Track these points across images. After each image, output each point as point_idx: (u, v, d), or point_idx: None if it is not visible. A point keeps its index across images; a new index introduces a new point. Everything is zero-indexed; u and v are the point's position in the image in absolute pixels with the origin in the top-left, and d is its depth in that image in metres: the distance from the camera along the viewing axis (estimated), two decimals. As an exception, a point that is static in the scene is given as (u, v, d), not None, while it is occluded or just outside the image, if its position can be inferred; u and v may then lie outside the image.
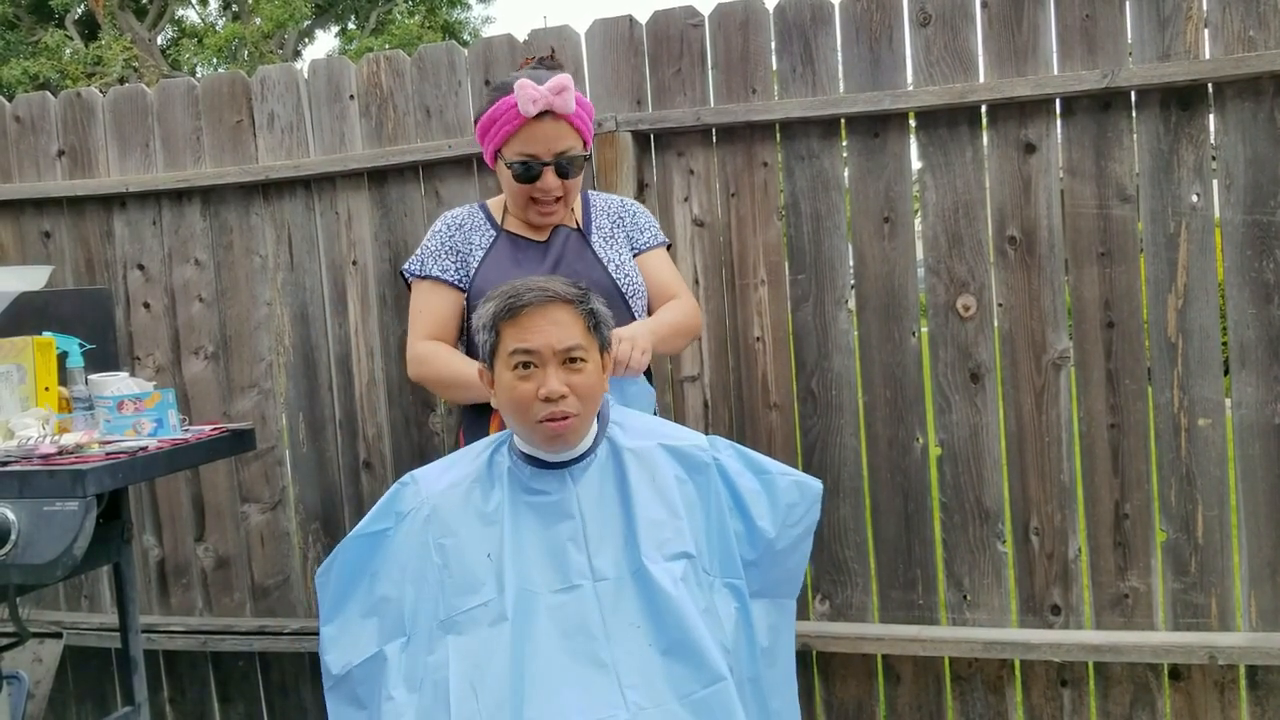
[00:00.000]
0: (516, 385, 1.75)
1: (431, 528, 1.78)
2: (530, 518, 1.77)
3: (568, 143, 2.09)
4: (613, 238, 2.24)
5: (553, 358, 1.73)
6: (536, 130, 2.06)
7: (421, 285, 2.19)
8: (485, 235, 2.20)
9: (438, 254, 2.19)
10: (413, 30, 17.80)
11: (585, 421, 1.79)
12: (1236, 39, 2.27)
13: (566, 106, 2.06)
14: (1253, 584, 2.35)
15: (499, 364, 1.77)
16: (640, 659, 1.68)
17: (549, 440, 1.76)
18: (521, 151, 2.08)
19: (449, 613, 1.71)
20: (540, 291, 1.75)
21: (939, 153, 2.45)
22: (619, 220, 2.27)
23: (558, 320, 1.75)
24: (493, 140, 2.12)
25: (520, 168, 2.08)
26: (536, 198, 2.11)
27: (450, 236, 2.20)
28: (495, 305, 1.77)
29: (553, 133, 2.07)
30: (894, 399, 2.51)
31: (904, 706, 2.58)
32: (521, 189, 2.11)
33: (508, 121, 2.07)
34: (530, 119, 2.05)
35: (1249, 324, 2.30)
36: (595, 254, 2.19)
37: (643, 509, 1.79)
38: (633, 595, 1.74)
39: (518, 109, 2.05)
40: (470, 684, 1.64)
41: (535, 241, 2.19)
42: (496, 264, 2.16)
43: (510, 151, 2.09)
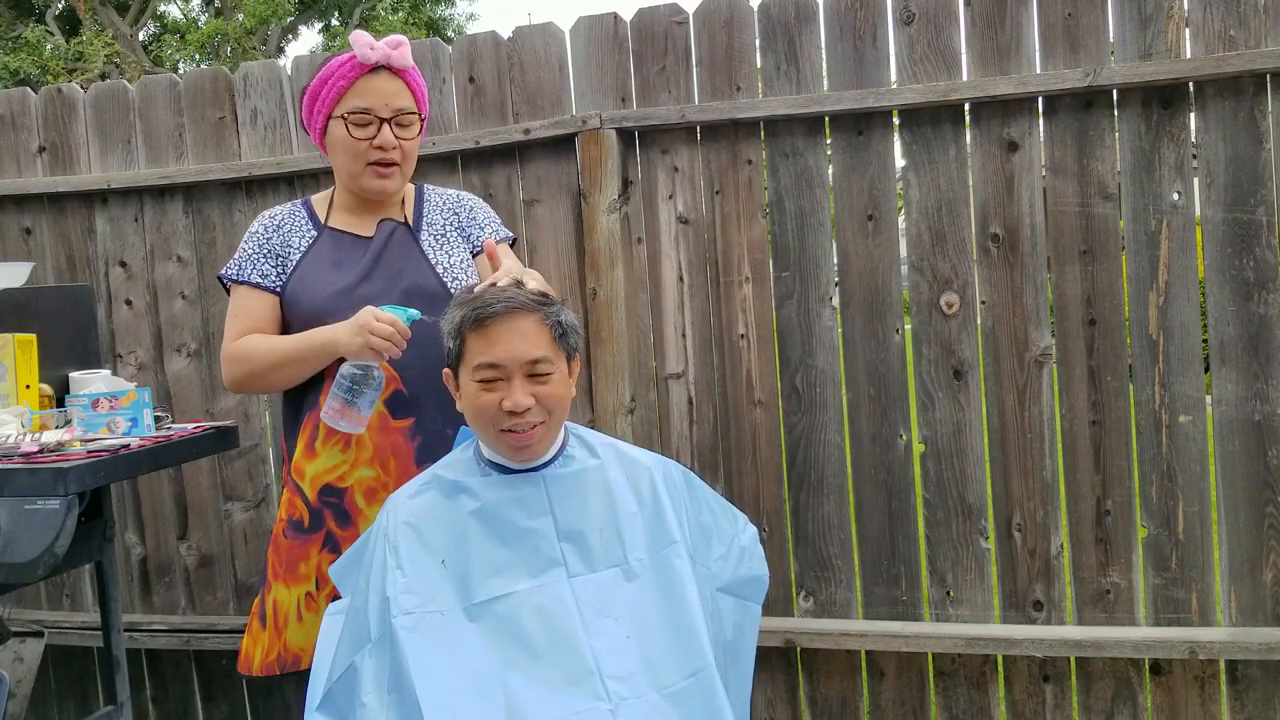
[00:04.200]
0: (481, 395, 1.74)
1: (393, 535, 1.77)
2: (500, 518, 1.77)
3: (405, 100, 2.04)
4: (445, 236, 2.16)
5: (518, 369, 1.73)
6: (373, 84, 2.01)
7: (239, 290, 2.10)
8: (305, 235, 2.11)
9: (255, 258, 2.10)
10: (396, 27, 17.74)
11: (551, 430, 1.79)
12: (1217, 38, 2.29)
13: (404, 60, 2.02)
14: (1233, 579, 2.36)
15: (464, 373, 1.77)
16: (621, 651, 1.69)
17: (514, 451, 1.76)
18: (356, 107, 2.01)
19: (415, 613, 1.70)
20: (507, 302, 1.73)
21: (922, 151, 2.46)
22: (454, 217, 2.19)
23: (523, 331, 1.73)
24: (324, 104, 2.03)
25: (359, 116, 2.00)
26: (375, 160, 2.03)
27: (267, 239, 2.11)
28: (461, 313, 1.76)
29: (389, 88, 2.02)
30: (878, 396, 2.52)
31: (887, 702, 2.59)
32: (359, 146, 2.02)
33: (342, 77, 2.00)
34: (366, 72, 2.00)
35: (1229, 321, 2.32)
36: (423, 252, 2.11)
37: (622, 501, 1.80)
38: (615, 588, 1.74)
39: (353, 62, 1.99)
40: (444, 685, 1.63)
41: (360, 237, 2.10)
42: (315, 264, 2.08)
43: (343, 109, 2.02)
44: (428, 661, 1.63)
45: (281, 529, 2.08)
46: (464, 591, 1.71)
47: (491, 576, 1.72)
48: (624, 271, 2.58)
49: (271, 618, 2.08)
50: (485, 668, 1.65)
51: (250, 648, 2.11)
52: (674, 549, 1.78)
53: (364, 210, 2.12)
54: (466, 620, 1.69)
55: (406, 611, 1.68)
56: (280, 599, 2.07)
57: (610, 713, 1.63)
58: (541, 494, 1.78)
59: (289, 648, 2.07)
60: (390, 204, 2.14)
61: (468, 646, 1.67)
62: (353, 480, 2.04)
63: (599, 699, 1.64)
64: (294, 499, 2.07)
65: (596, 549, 1.76)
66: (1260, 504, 2.33)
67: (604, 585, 1.74)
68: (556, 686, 1.64)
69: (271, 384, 2.07)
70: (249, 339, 2.05)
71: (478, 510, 1.76)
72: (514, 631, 1.68)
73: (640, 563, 1.76)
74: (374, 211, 2.12)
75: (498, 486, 1.79)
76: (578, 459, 1.84)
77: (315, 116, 2.06)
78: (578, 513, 1.77)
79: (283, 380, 2.05)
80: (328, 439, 2.04)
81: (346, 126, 2.01)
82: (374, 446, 2.04)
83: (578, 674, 1.65)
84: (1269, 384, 2.30)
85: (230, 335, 2.08)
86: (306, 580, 2.07)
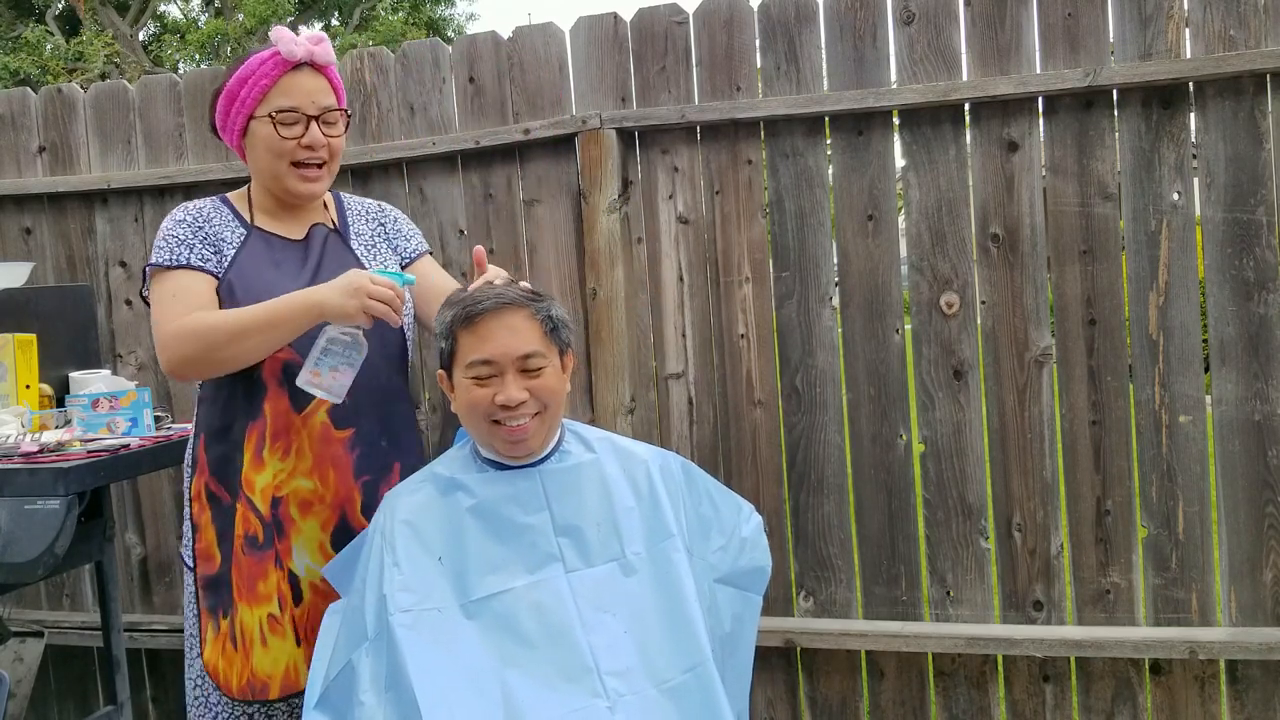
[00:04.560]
0: (474, 391, 1.75)
1: (390, 533, 1.77)
2: (497, 514, 1.77)
3: (330, 98, 1.98)
4: (374, 245, 2.11)
5: (511, 365, 1.73)
6: (297, 81, 1.94)
7: (175, 274, 1.94)
8: (235, 232, 2.00)
9: (190, 243, 1.96)
10: (396, 27, 17.74)
11: (546, 425, 1.79)
12: (1217, 38, 2.29)
13: (328, 56, 1.96)
14: (1233, 579, 2.36)
15: (457, 371, 1.78)
16: (618, 646, 1.69)
17: (509, 445, 1.77)
18: (282, 105, 1.93)
19: (412, 611, 1.70)
20: (497, 298, 1.74)
21: (922, 151, 2.46)
22: (379, 226, 2.15)
23: (514, 327, 1.74)
24: (245, 103, 1.94)
25: (287, 115, 1.93)
26: (303, 160, 1.95)
27: (199, 228, 1.98)
28: (453, 312, 1.77)
29: (313, 85, 1.95)
30: (878, 396, 2.52)
31: (888, 702, 2.59)
32: (285, 146, 1.94)
33: (265, 75, 1.92)
34: (290, 70, 1.93)
35: (1229, 321, 2.32)
36: (358, 260, 2.06)
37: (618, 496, 1.80)
38: (613, 583, 1.75)
39: (277, 58, 1.92)
40: (441, 682, 1.63)
41: (291, 240, 2.03)
42: (254, 264, 1.97)
43: (267, 108, 1.93)
44: (425, 659, 1.63)
45: (240, 546, 1.97)
46: (461, 588, 1.71)
47: (489, 573, 1.72)
48: (624, 271, 2.58)
49: (240, 640, 1.97)
50: (483, 665, 1.65)
51: (227, 669, 1.98)
52: (671, 543, 1.78)
53: (287, 213, 2.05)
54: (464, 617, 1.69)
55: (404, 609, 1.68)
56: (245, 620, 1.97)
57: (608, 709, 1.63)
58: (538, 489, 1.78)
59: (256, 674, 1.97)
60: (313, 208, 2.08)
61: (465, 644, 1.67)
62: (289, 490, 1.97)
63: (597, 695, 1.64)
64: (247, 514, 1.96)
65: (594, 544, 1.76)
66: (1260, 504, 2.33)
67: (601, 580, 1.74)
68: (554, 683, 1.64)
69: (231, 357, 1.88)
70: (200, 314, 1.89)
71: (474, 507, 1.77)
72: (511, 628, 1.68)
73: (638, 557, 1.76)
74: (298, 215, 2.05)
75: (494, 483, 1.79)
76: (574, 454, 1.85)
77: (234, 117, 1.97)
78: (574, 508, 1.78)
79: (247, 352, 1.88)
80: (273, 446, 1.95)
81: (274, 126, 1.93)
82: (314, 457, 1.97)
83: (575, 670, 1.65)
84: (1269, 384, 2.30)
85: (172, 315, 1.90)
86: (268, 600, 1.97)
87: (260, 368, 1.94)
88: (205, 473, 1.99)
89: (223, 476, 1.98)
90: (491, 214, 2.72)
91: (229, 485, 1.97)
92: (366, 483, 2.02)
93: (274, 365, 1.94)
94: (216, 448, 1.98)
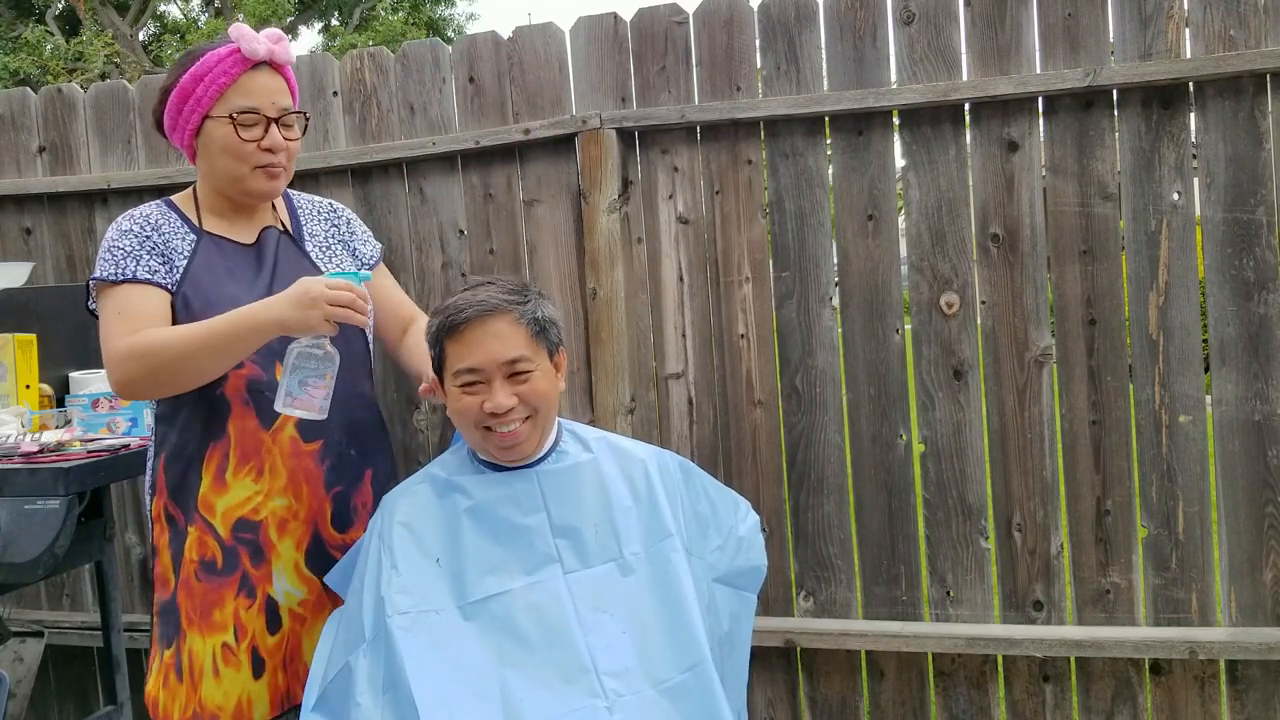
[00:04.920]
0: (463, 399, 1.75)
1: (388, 535, 1.77)
2: (494, 515, 1.77)
3: (287, 99, 1.91)
4: (329, 247, 2.05)
5: (497, 371, 1.73)
6: (257, 81, 1.86)
7: (121, 290, 1.84)
8: (185, 239, 1.90)
9: (137, 255, 1.86)
10: (396, 27, 17.75)
11: (539, 427, 1.79)
12: (1217, 38, 2.29)
13: (288, 55, 1.89)
14: (1233, 579, 2.36)
15: (446, 379, 1.78)
16: (617, 647, 1.69)
17: (502, 451, 1.77)
18: (242, 106, 1.84)
19: (410, 613, 1.70)
20: (479, 306, 1.73)
21: (922, 150, 2.46)
22: (334, 227, 2.08)
23: (499, 333, 1.73)
24: (201, 101, 1.85)
25: (248, 116, 1.84)
26: (263, 164, 1.87)
27: (146, 238, 1.88)
28: (438, 321, 1.77)
29: (273, 85, 1.88)
30: (878, 396, 2.52)
31: (887, 702, 2.59)
32: (245, 149, 1.85)
33: (224, 73, 1.83)
34: (249, 69, 1.84)
35: (1229, 321, 2.32)
36: (314, 264, 1.98)
37: (616, 496, 1.80)
38: (611, 583, 1.74)
39: (237, 56, 1.83)
40: (440, 684, 1.63)
41: (242, 245, 1.94)
42: (209, 274, 1.88)
43: (226, 108, 1.84)
44: (424, 661, 1.63)
45: (193, 571, 1.88)
46: (459, 590, 1.71)
47: (486, 574, 1.72)
48: (624, 271, 2.58)
49: (188, 670, 1.87)
50: (481, 666, 1.65)
51: (168, 703, 1.88)
52: (669, 542, 1.78)
53: (238, 215, 1.96)
54: (462, 619, 1.69)
55: (402, 611, 1.68)
56: (195, 649, 1.88)
57: (607, 710, 1.63)
58: (535, 490, 1.78)
59: (205, 706, 1.87)
60: (264, 208, 2.00)
61: (463, 645, 1.67)
62: (267, 512, 1.90)
63: (595, 696, 1.64)
64: (204, 537, 1.88)
65: (591, 544, 1.76)
66: (1260, 504, 2.33)
67: (599, 581, 1.74)
68: (553, 684, 1.64)
69: (180, 378, 1.79)
70: (149, 332, 1.79)
71: (472, 508, 1.77)
72: (510, 629, 1.68)
73: (636, 557, 1.76)
74: (249, 217, 1.97)
75: (491, 484, 1.79)
76: (571, 454, 1.84)
77: (187, 116, 1.87)
78: (572, 508, 1.78)
79: (197, 373, 1.79)
80: (239, 468, 1.88)
81: (235, 128, 1.85)
82: (288, 473, 1.91)
83: (574, 671, 1.65)
84: (1269, 384, 2.30)
85: (118, 333, 1.80)
86: (223, 629, 1.88)
87: (222, 384, 1.87)
88: (164, 494, 1.91)
89: (179, 499, 1.90)
90: (491, 214, 2.72)
91: (184, 507, 1.90)
92: (338, 494, 1.98)
93: (237, 382, 1.87)
94: (175, 468, 1.90)
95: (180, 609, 1.89)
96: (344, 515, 1.99)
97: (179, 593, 1.89)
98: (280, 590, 1.93)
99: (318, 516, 1.96)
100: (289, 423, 1.89)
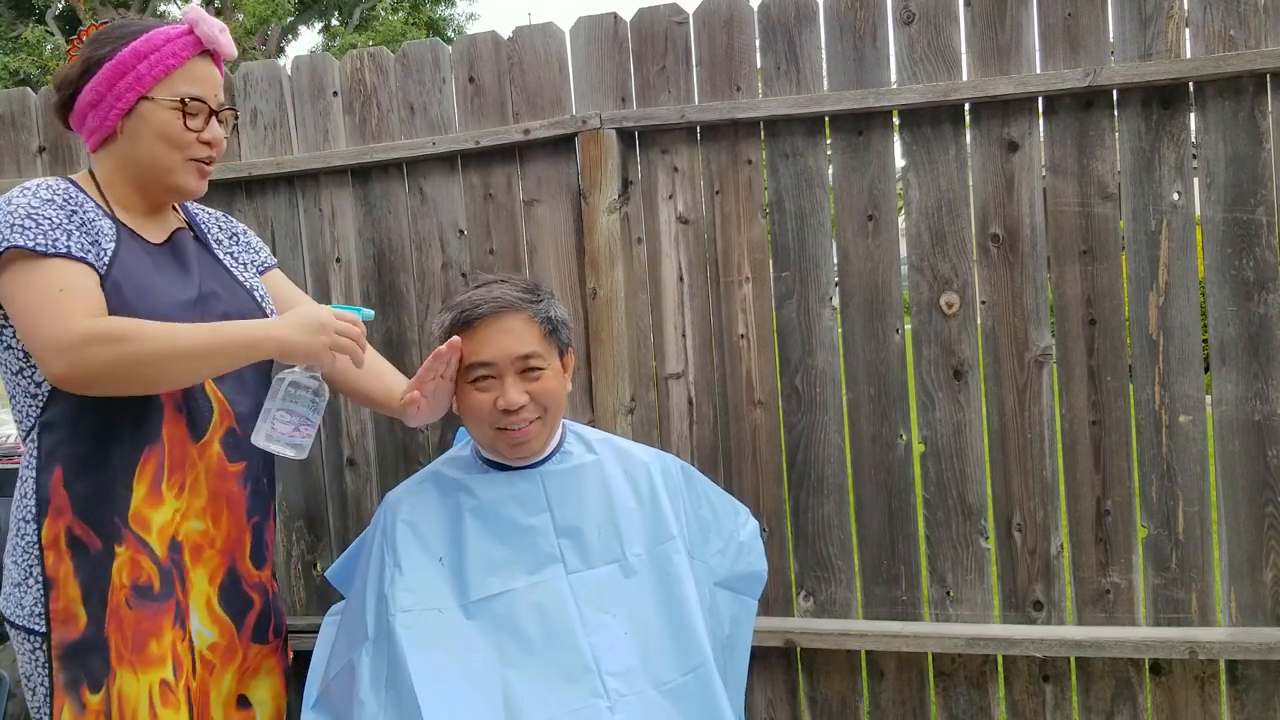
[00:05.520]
0: (475, 395, 1.75)
1: (391, 533, 1.78)
2: (498, 515, 1.77)
3: (222, 95, 1.77)
4: (235, 255, 1.91)
5: (510, 367, 1.73)
6: (205, 69, 1.72)
7: (52, 262, 1.55)
8: (106, 225, 1.67)
9: (67, 228, 1.60)
10: (396, 27, 17.76)
11: (548, 426, 1.80)
12: (1217, 38, 2.29)
13: (233, 49, 1.76)
14: (1233, 579, 2.36)
15: (458, 375, 1.77)
16: (619, 647, 1.69)
17: (511, 448, 1.77)
18: (191, 93, 1.69)
19: (412, 611, 1.70)
20: (495, 302, 1.74)
21: (922, 151, 2.46)
22: (233, 237, 1.94)
23: (512, 330, 1.74)
24: (142, 80, 1.66)
25: (196, 105, 1.69)
26: (198, 156, 1.72)
27: (73, 212, 1.63)
28: (450, 316, 1.77)
29: (216, 77, 1.74)
30: (878, 396, 2.52)
31: (887, 702, 2.59)
32: (187, 138, 1.69)
33: (173, 54, 1.67)
34: (197, 55, 1.70)
35: (1229, 321, 2.32)
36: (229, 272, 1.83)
37: (619, 497, 1.80)
38: (613, 584, 1.75)
39: (190, 39, 1.69)
40: (443, 682, 1.63)
41: (152, 244, 1.74)
42: (137, 266, 1.67)
43: (170, 92, 1.68)
44: (426, 659, 1.64)
45: (124, 598, 1.62)
46: (462, 589, 1.72)
47: (489, 574, 1.72)
48: (624, 271, 2.58)
49: (118, 717, 1.60)
50: (484, 665, 1.66)
51: None
52: (672, 544, 1.79)
53: (149, 213, 1.77)
54: (464, 618, 1.70)
55: (404, 609, 1.68)
56: (126, 690, 1.61)
57: (609, 710, 1.63)
58: (539, 491, 1.79)
59: None
60: (167, 210, 1.82)
61: (466, 644, 1.67)
62: (183, 533, 1.71)
63: (597, 696, 1.64)
64: (138, 557, 1.63)
65: (594, 545, 1.76)
66: (1260, 504, 2.33)
67: (602, 581, 1.74)
68: (555, 683, 1.65)
69: (152, 379, 1.57)
70: (119, 319, 1.55)
71: (475, 508, 1.77)
72: (512, 629, 1.69)
73: (638, 558, 1.77)
74: (157, 216, 1.78)
75: (495, 484, 1.79)
76: (575, 455, 1.85)
77: (120, 93, 1.67)
78: (575, 509, 1.78)
79: (175, 376, 1.59)
80: (171, 479, 1.68)
81: (183, 115, 1.68)
82: (209, 493, 1.72)
83: (576, 671, 1.66)
84: (1269, 384, 2.30)
85: (69, 312, 1.52)
86: (160, 663, 1.63)
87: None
88: (66, 514, 1.62)
89: (94, 516, 1.62)
90: (491, 214, 2.72)
91: (103, 526, 1.62)
92: (255, 525, 1.82)
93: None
94: (85, 481, 1.62)
95: (108, 643, 1.61)
96: (259, 550, 1.82)
97: (107, 625, 1.61)
98: (194, 628, 1.72)
99: (235, 547, 1.78)
100: (216, 436, 1.72)
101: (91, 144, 1.74)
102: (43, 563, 1.62)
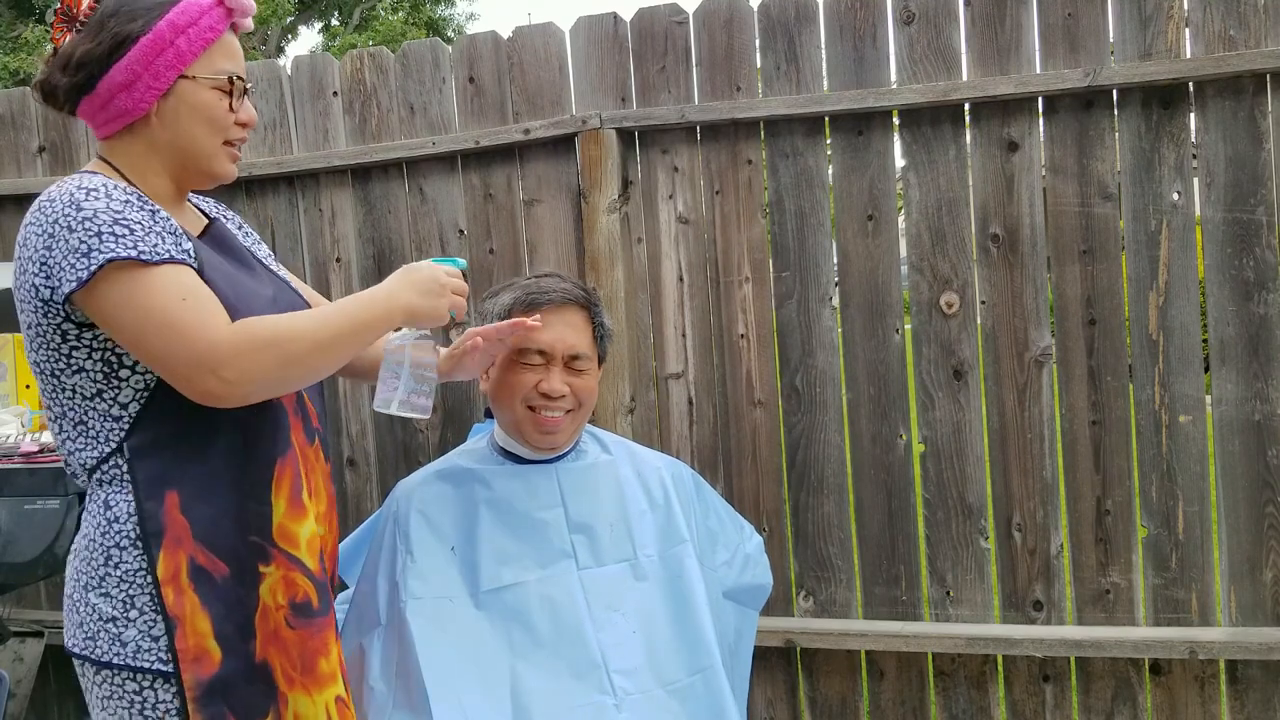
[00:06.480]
0: (519, 373, 1.76)
1: (404, 521, 1.78)
2: (512, 508, 1.78)
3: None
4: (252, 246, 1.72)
5: (560, 358, 1.76)
6: (232, 43, 1.53)
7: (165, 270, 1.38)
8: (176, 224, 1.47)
9: (160, 232, 1.41)
10: (396, 27, 17.76)
11: (577, 422, 1.81)
12: (1217, 38, 2.29)
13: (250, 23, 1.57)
14: (1232, 579, 2.36)
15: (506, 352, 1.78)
16: (627, 645, 1.70)
17: (538, 430, 1.77)
18: (232, 71, 1.51)
19: (423, 599, 1.71)
20: (564, 292, 1.77)
21: (922, 150, 2.46)
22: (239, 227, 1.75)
23: (572, 323, 1.78)
24: (182, 56, 1.46)
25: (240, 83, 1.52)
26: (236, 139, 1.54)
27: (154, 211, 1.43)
28: (514, 295, 1.78)
29: (241, 51, 1.57)
30: (878, 396, 2.52)
31: (887, 702, 2.59)
32: (229, 119, 1.51)
33: (210, 27, 1.48)
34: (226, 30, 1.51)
35: (1229, 321, 2.32)
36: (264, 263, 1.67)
37: (632, 498, 1.81)
38: (624, 583, 1.75)
39: (223, 10, 1.49)
40: (451, 671, 1.64)
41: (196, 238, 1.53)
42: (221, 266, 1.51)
43: (208, 69, 1.48)
44: (435, 648, 1.65)
45: (283, 618, 1.48)
46: (473, 579, 1.73)
47: (501, 566, 1.73)
48: (624, 271, 2.58)
49: None
50: (492, 656, 1.66)
51: None
52: (684, 548, 1.80)
53: (177, 202, 1.57)
54: (474, 608, 1.71)
55: (415, 597, 1.70)
56: (303, 712, 1.49)
57: (615, 707, 1.64)
58: (554, 485, 1.79)
59: None
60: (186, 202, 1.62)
61: (476, 634, 1.68)
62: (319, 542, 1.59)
63: (604, 693, 1.65)
64: (290, 574, 1.49)
65: (606, 543, 1.77)
66: (1260, 504, 2.33)
67: (612, 579, 1.75)
68: (562, 678, 1.65)
69: (305, 374, 1.46)
70: (258, 319, 1.42)
71: (490, 499, 1.78)
72: (522, 621, 1.69)
73: (650, 560, 1.78)
74: (183, 205, 1.60)
75: (510, 476, 1.80)
76: (590, 454, 1.86)
77: (159, 72, 1.45)
78: (589, 506, 1.79)
79: (321, 369, 1.47)
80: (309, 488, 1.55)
81: (229, 95, 1.51)
82: (327, 496, 1.62)
83: (584, 666, 1.66)
84: (1269, 384, 2.30)
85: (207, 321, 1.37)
86: (332, 681, 1.52)
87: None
88: (187, 543, 1.43)
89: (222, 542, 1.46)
90: (491, 214, 2.72)
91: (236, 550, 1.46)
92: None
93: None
94: (209, 504, 1.45)
95: (271, 669, 1.47)
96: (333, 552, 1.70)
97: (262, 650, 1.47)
98: None
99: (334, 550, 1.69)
100: (316, 437, 1.61)
101: (107, 130, 1.50)
102: (160, 599, 1.43)
